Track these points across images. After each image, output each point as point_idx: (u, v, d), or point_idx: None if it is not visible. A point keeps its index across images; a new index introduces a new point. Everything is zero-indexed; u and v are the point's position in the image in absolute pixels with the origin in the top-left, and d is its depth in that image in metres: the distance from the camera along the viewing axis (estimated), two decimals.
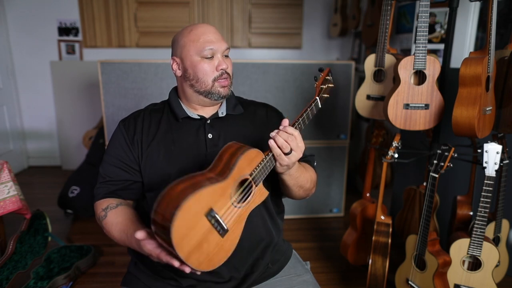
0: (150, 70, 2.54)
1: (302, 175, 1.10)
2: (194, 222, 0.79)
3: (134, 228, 0.98)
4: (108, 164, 1.12)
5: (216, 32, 1.10)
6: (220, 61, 1.08)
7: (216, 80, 1.08)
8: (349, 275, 2.16)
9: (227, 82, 1.10)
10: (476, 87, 1.47)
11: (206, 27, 1.10)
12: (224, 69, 1.08)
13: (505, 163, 1.68)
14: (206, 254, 0.80)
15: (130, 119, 1.15)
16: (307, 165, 1.20)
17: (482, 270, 1.58)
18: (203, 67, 1.07)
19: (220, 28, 3.98)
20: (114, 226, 1.03)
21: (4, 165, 1.87)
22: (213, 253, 0.81)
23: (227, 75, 1.10)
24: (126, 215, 1.05)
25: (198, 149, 1.10)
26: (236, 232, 0.86)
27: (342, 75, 2.67)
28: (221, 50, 1.09)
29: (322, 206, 2.93)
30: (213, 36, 1.08)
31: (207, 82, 1.08)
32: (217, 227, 0.83)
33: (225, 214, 0.85)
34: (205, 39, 1.07)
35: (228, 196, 0.87)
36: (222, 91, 1.10)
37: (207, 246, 0.80)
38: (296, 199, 1.19)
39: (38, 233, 2.15)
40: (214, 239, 0.81)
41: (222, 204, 0.85)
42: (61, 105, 3.98)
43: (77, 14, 3.88)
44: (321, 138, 2.77)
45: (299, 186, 1.11)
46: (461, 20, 2.24)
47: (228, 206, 0.86)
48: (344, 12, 3.70)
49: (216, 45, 1.07)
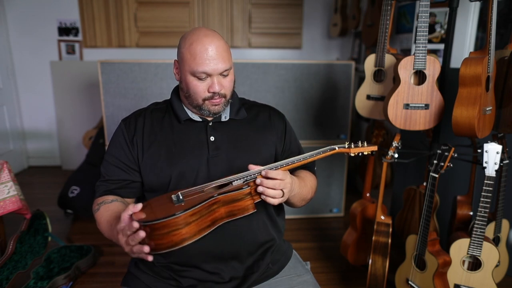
0: (150, 70, 2.54)
1: (303, 190, 1.12)
2: (160, 198, 0.98)
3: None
4: (108, 163, 1.12)
5: (216, 50, 1.02)
6: (213, 83, 1.04)
7: (207, 100, 1.06)
8: (349, 275, 2.16)
9: (218, 101, 1.07)
10: (476, 87, 1.47)
11: (208, 43, 1.02)
12: (216, 91, 1.04)
13: (505, 163, 1.68)
14: (151, 211, 0.89)
15: (131, 118, 1.15)
16: (307, 174, 1.21)
17: (482, 270, 1.58)
18: (195, 86, 1.05)
19: (220, 28, 3.98)
20: (103, 219, 1.04)
21: (4, 165, 1.87)
22: (158, 210, 0.89)
23: (219, 96, 1.06)
24: (116, 209, 1.05)
25: (200, 151, 1.09)
26: (189, 203, 0.90)
27: (342, 75, 2.67)
28: (217, 73, 1.03)
29: (322, 206, 2.93)
30: (210, 58, 1.01)
31: (198, 100, 1.07)
32: (173, 199, 0.93)
33: (187, 193, 0.97)
34: (201, 60, 1.01)
35: (200, 187, 1.01)
36: (213, 109, 1.08)
37: (157, 208, 0.92)
38: (296, 208, 1.21)
39: (38, 233, 2.15)
40: (166, 205, 0.92)
41: (190, 190, 0.99)
42: (61, 105, 3.98)
43: (77, 14, 3.88)
44: (321, 138, 2.77)
45: (301, 200, 1.14)
46: (461, 20, 2.24)
47: (194, 190, 0.99)
48: (344, 12, 3.70)
49: (210, 68, 1.02)
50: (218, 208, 0.93)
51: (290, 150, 1.23)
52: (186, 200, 0.93)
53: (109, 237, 1.02)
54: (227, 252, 1.07)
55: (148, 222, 0.83)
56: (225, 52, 1.05)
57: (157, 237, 0.84)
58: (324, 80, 2.65)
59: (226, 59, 1.04)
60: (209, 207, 0.90)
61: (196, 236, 0.87)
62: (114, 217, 1.01)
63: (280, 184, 0.97)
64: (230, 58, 1.07)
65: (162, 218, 0.82)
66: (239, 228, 1.07)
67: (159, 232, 0.83)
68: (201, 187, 1.00)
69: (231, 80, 1.09)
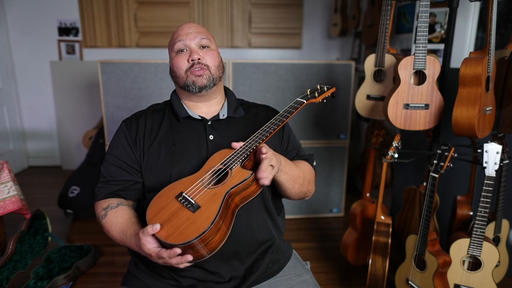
0: (150, 70, 2.54)
1: (293, 167, 1.10)
2: (165, 203, 0.93)
3: (134, 229, 0.98)
4: (110, 164, 1.12)
5: (193, 26, 1.11)
6: (192, 52, 1.08)
7: (188, 71, 1.08)
8: (349, 275, 2.16)
9: (201, 72, 1.08)
10: (476, 87, 1.47)
11: (187, 24, 1.12)
12: (195, 59, 1.07)
13: (505, 163, 1.68)
14: (176, 227, 0.87)
15: (132, 119, 1.15)
16: (302, 162, 1.20)
17: (482, 270, 1.58)
18: (177, 61, 1.10)
19: (220, 28, 3.98)
20: (113, 226, 1.03)
21: (4, 165, 1.87)
22: (184, 226, 0.86)
23: (202, 65, 1.08)
24: (126, 216, 1.05)
25: (199, 150, 1.09)
26: (211, 209, 0.89)
27: (342, 75, 2.67)
28: (195, 42, 1.09)
29: (322, 206, 2.93)
30: (187, 31, 1.10)
31: (182, 75, 1.10)
32: (186, 204, 0.91)
33: (194, 193, 0.94)
34: (178, 34, 1.10)
35: (199, 182, 0.96)
36: (196, 80, 1.08)
37: (177, 220, 0.88)
38: (294, 199, 1.18)
39: (38, 233, 2.15)
40: (185, 215, 0.89)
41: (193, 187, 0.95)
42: (61, 105, 3.98)
43: (77, 14, 3.88)
44: (321, 138, 2.77)
45: (292, 180, 1.10)
46: (461, 20, 2.24)
47: (198, 187, 0.95)
48: (344, 12, 3.70)
49: (187, 37, 1.09)
50: (233, 200, 0.95)
51: (289, 148, 1.23)
52: (198, 201, 0.91)
53: (122, 245, 1.03)
54: (227, 250, 1.06)
55: (183, 244, 0.83)
56: (203, 30, 1.12)
57: (195, 251, 0.86)
58: (324, 80, 2.65)
59: (204, 33, 1.11)
60: (226, 204, 0.92)
61: (227, 234, 0.91)
62: (126, 225, 1.01)
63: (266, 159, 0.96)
64: (210, 37, 1.14)
65: (195, 238, 0.83)
66: (239, 226, 1.06)
67: (197, 248, 0.85)
68: (199, 179, 0.97)
69: (214, 55, 1.11)
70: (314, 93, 1.18)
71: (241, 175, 0.96)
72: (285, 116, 1.08)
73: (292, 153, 1.21)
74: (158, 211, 0.91)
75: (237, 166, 0.97)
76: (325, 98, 1.21)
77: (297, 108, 1.11)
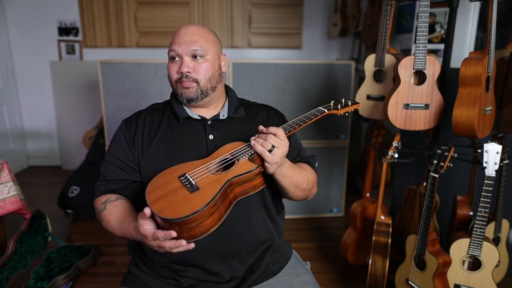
0: (150, 70, 2.54)
1: (296, 174, 1.09)
2: (167, 181, 0.95)
3: (132, 216, 0.99)
4: (109, 163, 1.12)
5: (189, 33, 1.06)
6: (182, 63, 1.05)
7: (178, 82, 1.08)
8: (349, 275, 2.16)
9: (188, 85, 1.06)
10: (476, 87, 1.47)
11: (186, 27, 1.08)
12: (184, 72, 1.05)
13: (505, 163, 1.68)
14: (170, 203, 0.88)
15: (132, 119, 1.15)
16: (305, 165, 1.19)
17: (482, 270, 1.58)
18: (169, 68, 1.10)
19: (220, 28, 3.98)
20: (112, 217, 1.03)
21: (4, 165, 1.87)
22: (178, 204, 0.88)
23: (189, 79, 1.06)
24: (124, 206, 1.05)
25: (199, 149, 1.09)
26: (208, 192, 0.90)
27: (342, 75, 2.67)
28: (187, 51, 1.05)
29: (322, 206, 2.93)
30: (181, 38, 1.05)
31: (173, 83, 1.10)
32: (187, 184, 0.93)
33: (196, 176, 0.95)
34: (173, 40, 1.07)
35: (205, 167, 0.98)
36: (184, 92, 1.07)
37: (173, 197, 0.90)
38: (296, 200, 1.18)
39: (38, 233, 2.15)
40: (183, 194, 0.91)
41: (197, 170, 0.97)
42: (61, 105, 3.98)
43: (77, 14, 3.88)
44: (321, 138, 2.77)
45: (294, 186, 1.09)
46: (461, 20, 2.24)
47: (202, 171, 0.97)
48: (344, 12, 3.70)
49: (180, 46, 1.05)
50: (232, 190, 0.96)
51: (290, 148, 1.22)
52: (198, 183, 0.93)
53: (121, 235, 1.02)
54: (227, 250, 1.07)
55: (176, 220, 0.84)
56: (200, 37, 1.06)
57: (184, 230, 0.87)
58: (324, 80, 2.65)
59: (198, 42, 1.05)
60: (225, 192, 0.93)
61: (219, 222, 0.92)
62: (124, 213, 1.01)
63: (271, 137, 0.97)
64: (208, 44, 1.08)
65: (188, 215, 0.84)
66: (239, 226, 1.07)
67: (186, 227, 0.86)
68: (207, 166, 0.99)
69: (206, 67, 1.07)
70: (337, 105, 1.15)
71: (246, 166, 0.97)
72: (303, 121, 1.08)
73: (293, 153, 1.21)
74: (159, 186, 0.94)
75: (245, 159, 0.98)
76: (347, 112, 1.17)
77: (317, 116, 1.10)
